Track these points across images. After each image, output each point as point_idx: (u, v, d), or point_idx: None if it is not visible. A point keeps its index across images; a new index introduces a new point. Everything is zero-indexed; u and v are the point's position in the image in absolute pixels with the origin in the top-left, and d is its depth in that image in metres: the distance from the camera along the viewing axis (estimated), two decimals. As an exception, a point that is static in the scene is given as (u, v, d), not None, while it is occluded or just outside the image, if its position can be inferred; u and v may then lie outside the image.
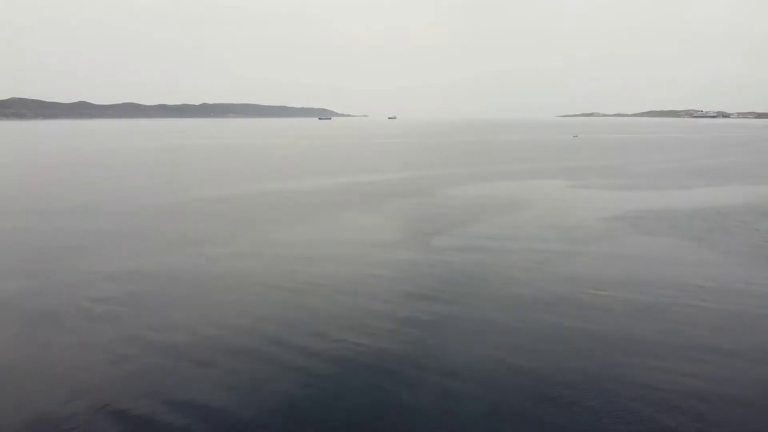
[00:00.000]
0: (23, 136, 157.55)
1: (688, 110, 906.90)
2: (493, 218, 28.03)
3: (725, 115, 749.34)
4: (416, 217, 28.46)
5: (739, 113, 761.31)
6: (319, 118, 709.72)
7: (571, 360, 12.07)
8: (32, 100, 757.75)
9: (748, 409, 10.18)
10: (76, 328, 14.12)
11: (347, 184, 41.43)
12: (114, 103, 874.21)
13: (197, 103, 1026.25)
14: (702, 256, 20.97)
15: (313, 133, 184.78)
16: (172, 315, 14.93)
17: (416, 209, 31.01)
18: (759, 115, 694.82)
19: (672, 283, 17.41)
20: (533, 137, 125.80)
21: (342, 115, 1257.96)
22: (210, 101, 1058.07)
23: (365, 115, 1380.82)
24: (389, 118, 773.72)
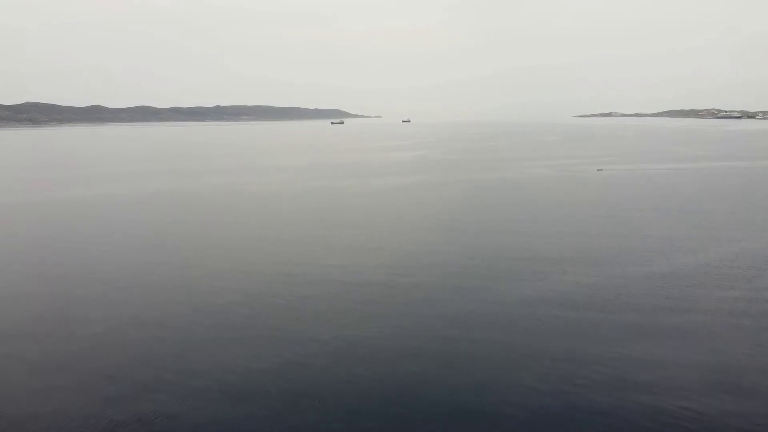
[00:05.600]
0: (29, 151, 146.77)
1: (711, 110, 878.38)
2: None
3: (750, 115, 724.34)
4: None
5: (763, 113, 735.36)
6: (332, 123, 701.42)
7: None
8: (46, 104, 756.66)
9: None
10: None
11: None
12: (127, 106, 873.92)
13: (210, 105, 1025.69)
14: None
15: (322, 155, 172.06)
16: None
17: None
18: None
19: None
20: (558, 172, 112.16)
21: (356, 116, 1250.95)
22: (223, 103, 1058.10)
23: (379, 116, 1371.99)
24: (403, 121, 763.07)
